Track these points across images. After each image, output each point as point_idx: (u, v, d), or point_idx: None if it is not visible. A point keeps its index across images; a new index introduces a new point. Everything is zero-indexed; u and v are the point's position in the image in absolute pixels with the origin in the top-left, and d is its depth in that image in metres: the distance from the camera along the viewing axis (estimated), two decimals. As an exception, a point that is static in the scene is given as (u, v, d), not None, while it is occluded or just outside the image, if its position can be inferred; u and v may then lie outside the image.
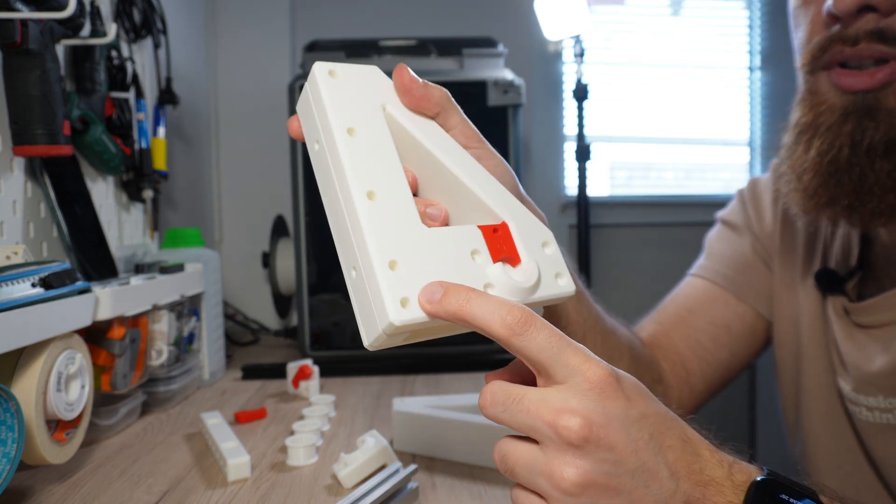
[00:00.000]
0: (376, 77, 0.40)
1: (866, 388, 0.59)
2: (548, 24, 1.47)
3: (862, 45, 0.52)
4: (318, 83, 0.38)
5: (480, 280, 0.36)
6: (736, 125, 1.95)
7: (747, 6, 1.93)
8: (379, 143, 0.38)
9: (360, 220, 0.34)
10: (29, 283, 0.55)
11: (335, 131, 0.36)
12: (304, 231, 1.03)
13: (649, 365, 0.64)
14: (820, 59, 0.55)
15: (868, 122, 0.52)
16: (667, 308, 0.73)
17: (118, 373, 0.69)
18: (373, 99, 0.39)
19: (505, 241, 0.38)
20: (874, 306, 0.60)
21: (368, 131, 0.38)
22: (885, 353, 0.58)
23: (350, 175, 0.35)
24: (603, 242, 1.80)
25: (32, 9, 0.64)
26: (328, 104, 0.37)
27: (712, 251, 0.75)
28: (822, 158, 0.54)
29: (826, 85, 0.55)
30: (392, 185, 0.37)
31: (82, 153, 0.84)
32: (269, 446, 0.69)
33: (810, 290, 0.67)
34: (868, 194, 0.53)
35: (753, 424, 1.88)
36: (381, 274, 0.33)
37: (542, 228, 0.40)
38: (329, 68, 0.38)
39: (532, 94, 1.70)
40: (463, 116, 0.41)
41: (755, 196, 0.74)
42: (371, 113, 0.39)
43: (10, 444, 0.49)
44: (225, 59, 1.48)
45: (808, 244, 0.69)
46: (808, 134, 0.56)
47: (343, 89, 0.38)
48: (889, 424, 0.57)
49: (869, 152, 0.52)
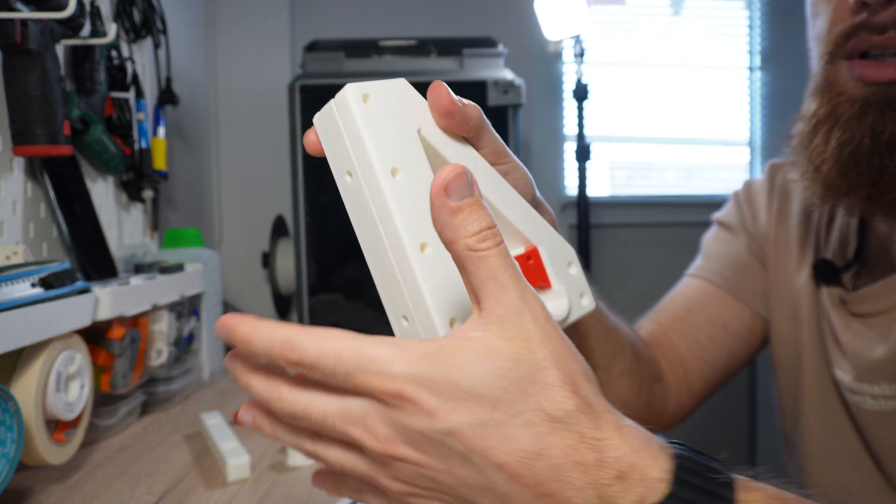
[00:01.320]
0: (407, 94, 0.37)
1: (869, 377, 0.59)
2: (548, 24, 1.47)
3: (890, 33, 0.51)
4: (351, 111, 0.34)
5: None
6: (736, 125, 1.95)
7: (747, 6, 1.93)
8: (422, 181, 0.35)
9: (417, 277, 0.33)
10: (29, 283, 0.55)
11: (378, 174, 0.33)
12: (304, 231, 1.03)
13: (649, 363, 0.64)
14: (843, 46, 0.54)
15: (890, 114, 0.52)
16: (665, 308, 0.73)
17: (118, 373, 0.69)
18: (408, 125, 0.36)
19: (538, 269, 0.39)
20: (870, 294, 0.60)
21: (411, 168, 0.35)
22: (885, 340, 0.58)
23: (401, 226, 0.33)
24: (603, 242, 1.80)
25: (32, 9, 0.64)
26: (367, 139, 0.34)
27: (709, 252, 0.76)
28: (842, 149, 0.54)
29: (846, 75, 0.55)
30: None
31: (82, 153, 0.84)
32: (269, 446, 0.69)
33: (804, 284, 0.67)
34: (888, 185, 0.53)
35: (753, 424, 1.88)
36: (443, 334, 0.32)
37: (566, 248, 0.41)
38: (363, 92, 0.35)
39: (532, 94, 1.70)
40: (494, 134, 0.39)
41: (750, 197, 0.75)
42: (409, 144, 0.35)
43: (9, 445, 0.49)
44: (225, 59, 1.48)
45: (802, 240, 0.70)
46: (828, 125, 0.55)
47: (379, 117, 0.35)
48: (894, 411, 0.58)
49: (889, 144, 0.52)
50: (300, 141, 1.03)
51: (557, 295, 0.39)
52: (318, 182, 1.03)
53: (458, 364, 0.27)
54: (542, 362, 0.28)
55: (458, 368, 0.27)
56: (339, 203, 0.38)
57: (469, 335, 0.28)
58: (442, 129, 0.37)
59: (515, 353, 0.27)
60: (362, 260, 0.37)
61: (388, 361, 0.27)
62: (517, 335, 0.28)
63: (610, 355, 0.57)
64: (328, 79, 1.04)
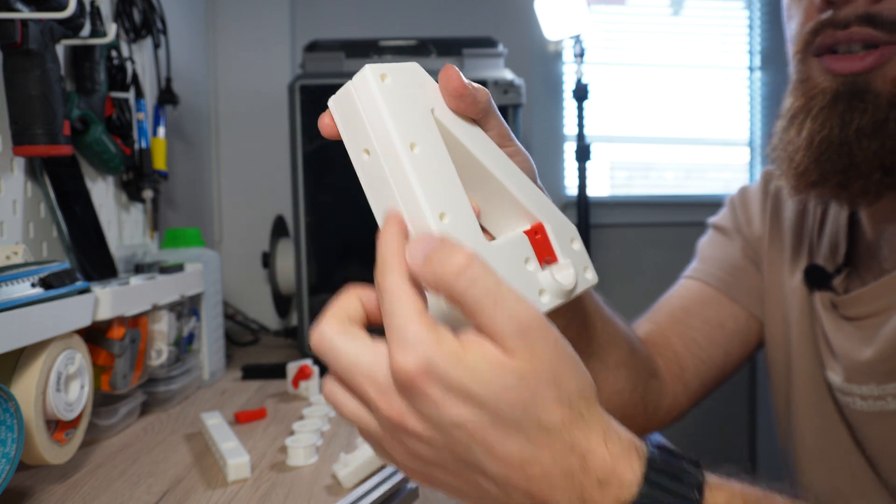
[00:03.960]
0: (420, 77, 0.38)
1: (858, 378, 0.60)
2: (548, 24, 1.47)
3: (853, 28, 0.54)
4: (372, 90, 0.35)
5: (535, 287, 0.38)
6: (736, 125, 1.95)
7: (747, 6, 1.93)
8: (438, 157, 0.36)
9: None
10: (29, 283, 0.55)
11: (399, 148, 0.35)
12: (304, 231, 1.03)
13: (646, 359, 0.65)
14: (812, 44, 0.57)
15: (857, 104, 0.54)
16: (662, 308, 0.75)
17: (118, 373, 0.69)
18: (423, 104, 0.37)
19: (544, 243, 0.40)
20: (859, 298, 0.61)
21: (426, 143, 0.36)
22: (873, 342, 0.59)
23: (421, 197, 0.34)
24: (603, 242, 1.80)
25: (32, 9, 0.64)
26: (387, 116, 0.35)
27: (704, 255, 0.77)
28: (812, 138, 0.56)
29: (817, 70, 0.57)
30: (457, 202, 0.36)
31: (82, 153, 0.84)
32: (269, 446, 0.69)
33: (797, 288, 0.69)
34: (856, 172, 0.55)
35: (753, 424, 1.88)
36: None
37: (568, 225, 0.42)
38: (381, 72, 0.36)
39: (532, 94, 1.70)
40: (500, 118, 0.41)
41: (744, 201, 0.77)
42: (425, 121, 0.37)
43: (9, 445, 0.49)
44: (225, 59, 1.48)
45: (795, 244, 0.71)
46: (800, 117, 0.57)
47: (396, 95, 0.36)
48: (883, 411, 0.59)
49: (858, 132, 0.54)
50: (300, 141, 1.03)
51: (564, 267, 0.40)
52: (318, 182, 1.03)
53: (471, 367, 0.29)
54: (542, 380, 0.30)
55: (470, 371, 0.29)
56: (339, 203, 0.38)
57: (485, 342, 0.30)
58: (452, 111, 0.38)
59: (520, 369, 0.29)
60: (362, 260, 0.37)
61: (415, 341, 0.29)
62: (524, 352, 0.30)
63: (606, 345, 0.58)
64: (328, 79, 1.04)
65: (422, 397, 0.29)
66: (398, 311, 0.30)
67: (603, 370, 0.59)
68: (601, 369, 0.59)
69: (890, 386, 0.58)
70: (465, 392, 0.29)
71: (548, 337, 0.31)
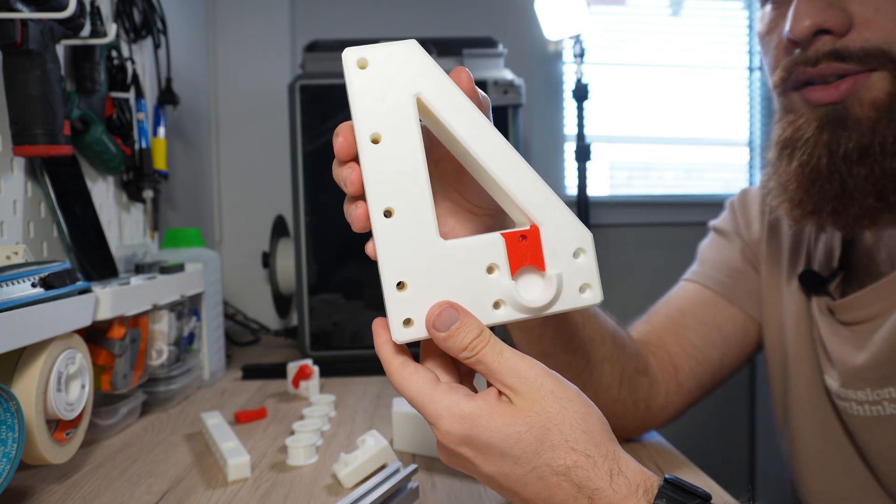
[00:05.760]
0: (413, 56, 0.37)
1: (854, 383, 0.61)
2: (548, 24, 1.47)
3: (822, 65, 0.55)
4: (347, 77, 0.36)
5: (490, 297, 0.37)
6: (736, 125, 1.95)
7: (747, 6, 1.93)
8: (405, 149, 0.36)
9: (376, 239, 0.36)
10: (29, 283, 0.55)
11: (360, 140, 0.36)
12: (304, 231, 1.03)
13: (634, 356, 0.65)
14: (787, 80, 0.59)
15: (841, 132, 0.55)
16: (658, 310, 0.75)
17: (118, 373, 0.69)
18: (405, 90, 0.37)
19: (532, 248, 0.38)
20: (855, 303, 0.62)
21: (395, 135, 0.36)
22: (868, 347, 0.60)
23: (370, 190, 0.36)
24: (603, 242, 1.80)
25: (32, 9, 0.64)
26: (353, 105, 0.36)
27: (704, 258, 0.78)
28: (803, 169, 0.57)
29: (799, 102, 0.59)
30: (412, 198, 0.36)
31: (82, 153, 0.84)
32: (269, 446, 0.69)
33: (795, 293, 0.69)
34: (849, 199, 0.56)
35: (753, 424, 1.88)
36: (388, 295, 0.37)
37: (578, 233, 0.38)
38: (359, 57, 0.36)
39: (532, 94, 1.70)
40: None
41: (744, 205, 0.77)
42: (399, 110, 0.37)
43: (10, 444, 0.49)
44: (225, 59, 1.48)
45: (793, 249, 0.71)
46: (789, 148, 0.59)
47: (372, 82, 0.36)
48: (879, 416, 0.59)
49: (845, 159, 0.55)
50: (300, 141, 1.03)
51: (545, 282, 0.38)
52: (318, 182, 1.03)
53: (489, 427, 0.36)
54: (548, 427, 0.35)
55: (489, 430, 0.36)
56: (339, 203, 0.38)
57: (495, 402, 0.36)
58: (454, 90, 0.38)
59: (527, 420, 0.36)
60: (362, 260, 0.38)
61: (437, 418, 0.36)
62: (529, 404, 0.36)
63: (589, 341, 0.59)
64: (328, 79, 1.04)
65: (457, 456, 0.38)
66: (417, 401, 0.37)
67: (587, 366, 0.59)
68: (584, 365, 0.59)
69: (885, 391, 0.58)
70: (489, 447, 0.36)
71: (545, 387, 0.36)
